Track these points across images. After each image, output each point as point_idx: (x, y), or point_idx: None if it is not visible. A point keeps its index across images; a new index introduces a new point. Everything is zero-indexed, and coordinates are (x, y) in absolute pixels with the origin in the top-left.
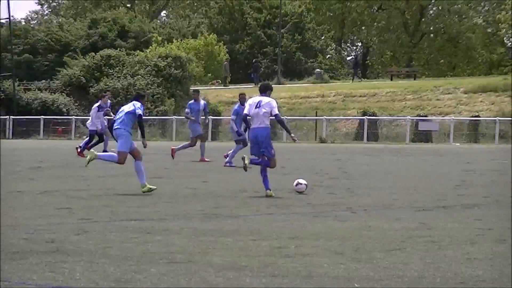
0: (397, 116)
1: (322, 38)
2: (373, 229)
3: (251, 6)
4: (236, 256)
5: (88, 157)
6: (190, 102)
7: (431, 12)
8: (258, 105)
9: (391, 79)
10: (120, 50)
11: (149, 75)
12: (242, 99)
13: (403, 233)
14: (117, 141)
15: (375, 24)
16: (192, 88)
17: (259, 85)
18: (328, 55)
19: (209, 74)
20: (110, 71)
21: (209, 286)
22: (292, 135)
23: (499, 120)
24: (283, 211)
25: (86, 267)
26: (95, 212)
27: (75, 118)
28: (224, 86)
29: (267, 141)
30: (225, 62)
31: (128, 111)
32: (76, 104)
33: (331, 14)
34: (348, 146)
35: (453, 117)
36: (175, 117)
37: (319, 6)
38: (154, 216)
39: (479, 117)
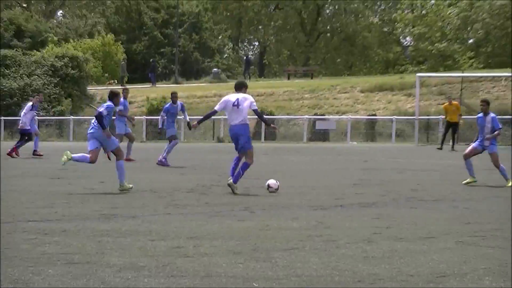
0: (295, 115)
1: (220, 37)
2: (271, 229)
3: (148, 6)
4: (134, 257)
5: (63, 158)
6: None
7: (327, 11)
8: (236, 103)
9: (288, 78)
10: (16, 50)
11: (45, 75)
12: (174, 97)
13: (301, 232)
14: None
15: (272, 23)
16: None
17: (234, 83)
18: (225, 55)
19: (107, 74)
20: (7, 71)
21: (107, 286)
22: (272, 125)
23: (395, 119)
24: (181, 211)
25: None
26: None
27: None
28: (121, 86)
29: (245, 137)
30: (122, 62)
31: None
32: None
33: (228, 14)
34: None
35: (350, 116)
36: (72, 117)
37: (216, 6)
38: (51, 217)
39: (376, 116)
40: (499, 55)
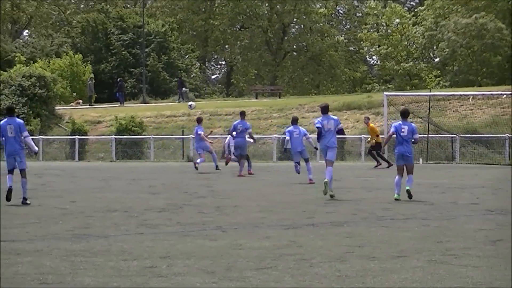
0: (264, 135)
1: (187, 57)
2: (243, 248)
3: (114, 26)
4: (107, 277)
5: None
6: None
7: (293, 30)
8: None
9: (256, 97)
10: None
11: (13, 95)
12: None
13: (273, 251)
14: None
15: (238, 42)
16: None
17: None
18: (193, 74)
19: (75, 94)
20: None
21: None
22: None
23: (364, 137)
24: (152, 230)
25: None
26: None
27: None
28: (89, 105)
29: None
30: (89, 82)
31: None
32: None
33: (194, 33)
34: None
35: None
36: (41, 137)
37: (182, 25)
38: (23, 237)
39: (345, 134)
40: (465, 73)
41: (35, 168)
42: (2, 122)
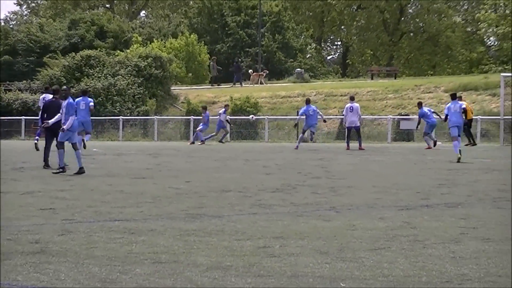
0: (379, 115)
1: (302, 37)
2: (357, 228)
3: (229, 7)
4: (221, 256)
5: None
6: None
7: (410, 11)
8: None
9: (372, 78)
10: (100, 50)
11: (129, 75)
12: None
13: (387, 232)
14: None
15: (354, 23)
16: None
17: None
18: (308, 55)
19: (190, 74)
20: (91, 71)
21: (195, 286)
22: None
23: (480, 118)
24: (266, 210)
25: (71, 268)
26: (78, 213)
27: None
28: (211, 85)
29: None
30: (211, 62)
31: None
32: None
33: (310, 13)
34: (330, 145)
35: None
36: (157, 117)
37: (298, 5)
38: (138, 217)
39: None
40: None
41: (150, 148)
42: (77, 99)
